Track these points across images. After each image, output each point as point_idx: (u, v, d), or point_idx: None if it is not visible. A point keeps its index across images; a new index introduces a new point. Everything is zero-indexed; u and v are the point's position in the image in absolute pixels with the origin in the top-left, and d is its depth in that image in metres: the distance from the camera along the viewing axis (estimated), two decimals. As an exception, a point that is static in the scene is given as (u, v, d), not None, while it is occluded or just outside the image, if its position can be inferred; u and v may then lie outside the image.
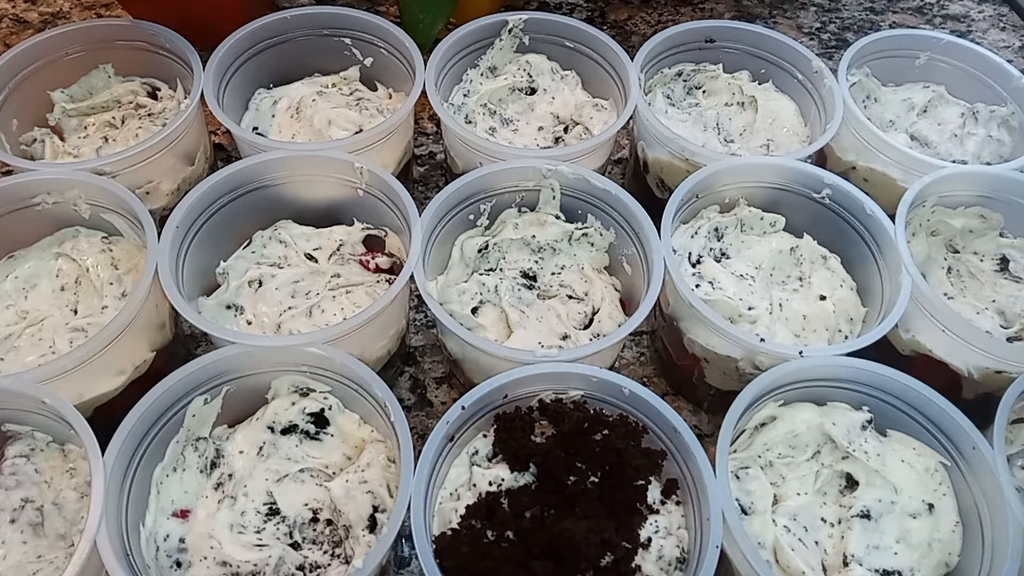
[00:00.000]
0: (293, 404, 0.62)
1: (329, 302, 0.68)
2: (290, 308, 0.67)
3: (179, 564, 0.56)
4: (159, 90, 0.85)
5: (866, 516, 0.58)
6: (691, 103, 0.86)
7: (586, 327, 0.69)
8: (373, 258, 0.72)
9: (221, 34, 0.80)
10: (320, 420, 0.62)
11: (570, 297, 0.70)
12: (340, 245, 0.72)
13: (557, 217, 0.73)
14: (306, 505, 0.58)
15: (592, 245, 0.73)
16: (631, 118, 0.78)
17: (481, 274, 0.71)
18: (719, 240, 0.73)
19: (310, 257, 0.71)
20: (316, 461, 0.60)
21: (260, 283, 0.69)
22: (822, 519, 0.59)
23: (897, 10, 1.13)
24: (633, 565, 0.53)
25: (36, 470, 0.58)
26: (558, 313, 0.68)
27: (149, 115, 0.82)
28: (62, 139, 0.81)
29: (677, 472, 0.58)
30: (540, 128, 0.83)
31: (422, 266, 0.65)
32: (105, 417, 0.60)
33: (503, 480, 0.57)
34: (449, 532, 0.54)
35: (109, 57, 0.84)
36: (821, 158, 0.86)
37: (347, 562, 0.56)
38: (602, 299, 0.70)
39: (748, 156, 0.79)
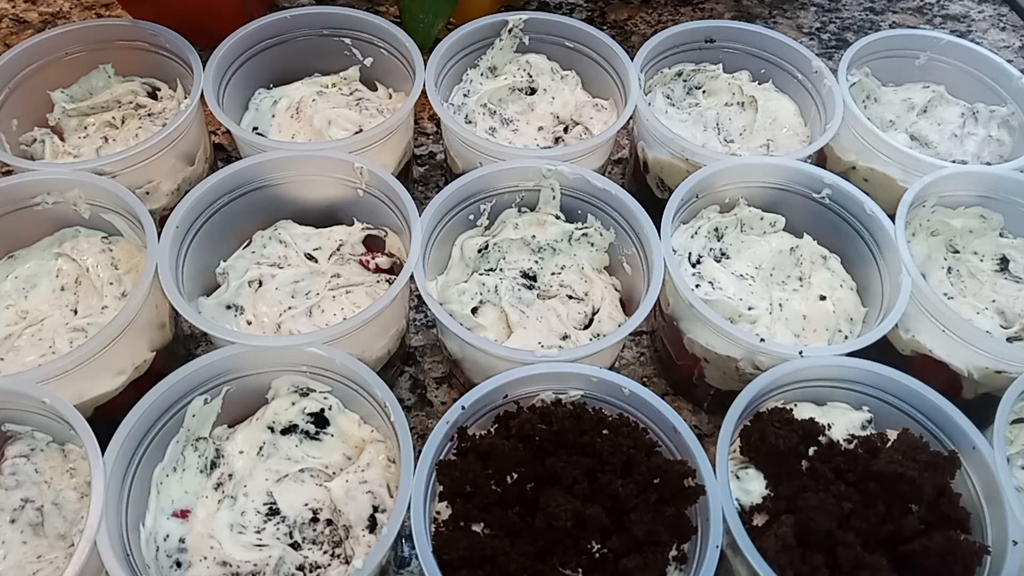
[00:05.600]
0: (293, 404, 0.62)
1: (329, 302, 0.68)
2: (290, 308, 0.67)
3: (179, 564, 0.56)
4: (159, 90, 0.85)
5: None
6: (691, 103, 0.86)
7: (586, 327, 0.69)
8: (373, 258, 0.72)
9: (221, 34, 0.80)
10: (320, 420, 0.62)
11: (570, 297, 0.70)
12: (340, 245, 0.72)
13: (557, 217, 0.73)
14: (306, 505, 0.58)
15: (592, 245, 0.73)
16: (631, 118, 0.78)
17: (481, 274, 0.71)
18: (719, 240, 0.73)
19: (310, 257, 0.71)
20: (316, 461, 0.60)
21: (260, 283, 0.69)
22: None
23: (897, 10, 1.13)
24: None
25: (36, 470, 0.58)
26: (558, 313, 0.68)
27: (149, 115, 0.82)
28: (62, 139, 0.80)
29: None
30: (540, 128, 0.83)
31: (422, 266, 0.65)
32: (105, 417, 0.60)
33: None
34: (448, 531, 0.54)
35: (109, 57, 0.84)
36: (821, 158, 0.86)
37: (347, 562, 0.56)
38: (602, 299, 0.70)
39: (748, 156, 0.79)
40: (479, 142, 0.75)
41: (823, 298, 0.70)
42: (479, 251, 0.72)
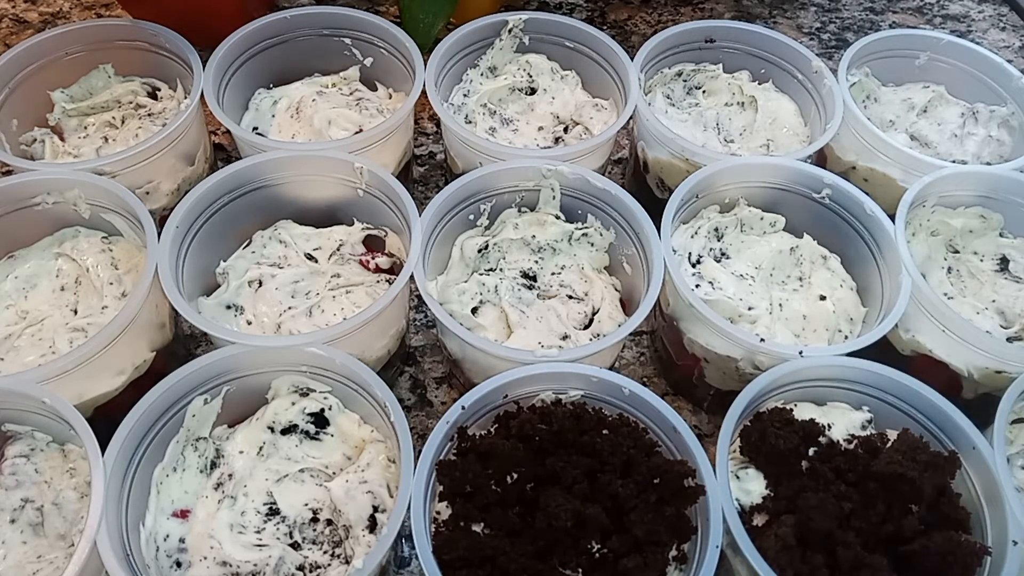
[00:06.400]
0: (293, 404, 0.62)
1: (329, 302, 0.68)
2: (290, 308, 0.67)
3: (179, 564, 0.56)
4: (159, 90, 0.85)
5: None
6: (691, 103, 0.86)
7: (586, 327, 0.69)
8: (373, 258, 0.72)
9: (221, 34, 0.80)
10: (320, 420, 0.62)
11: (570, 297, 0.70)
12: (340, 245, 0.72)
13: (557, 217, 0.73)
14: (306, 505, 0.58)
15: (592, 245, 0.73)
16: (631, 118, 0.78)
17: (481, 274, 0.71)
18: (719, 240, 0.73)
19: (310, 257, 0.71)
20: (316, 461, 0.60)
21: (260, 283, 0.69)
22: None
23: (897, 10, 1.13)
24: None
25: (36, 470, 0.58)
26: (558, 313, 0.68)
27: (149, 115, 0.82)
28: (62, 139, 0.80)
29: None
30: (540, 128, 0.83)
31: (422, 266, 0.65)
32: (105, 417, 0.60)
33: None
34: (448, 531, 0.54)
35: (109, 57, 0.84)
36: (821, 158, 0.86)
37: (347, 562, 0.56)
38: (602, 299, 0.70)
39: (748, 156, 0.79)
40: (479, 142, 0.75)
41: (823, 298, 0.70)
42: (479, 251, 0.72)
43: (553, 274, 0.72)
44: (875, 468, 0.56)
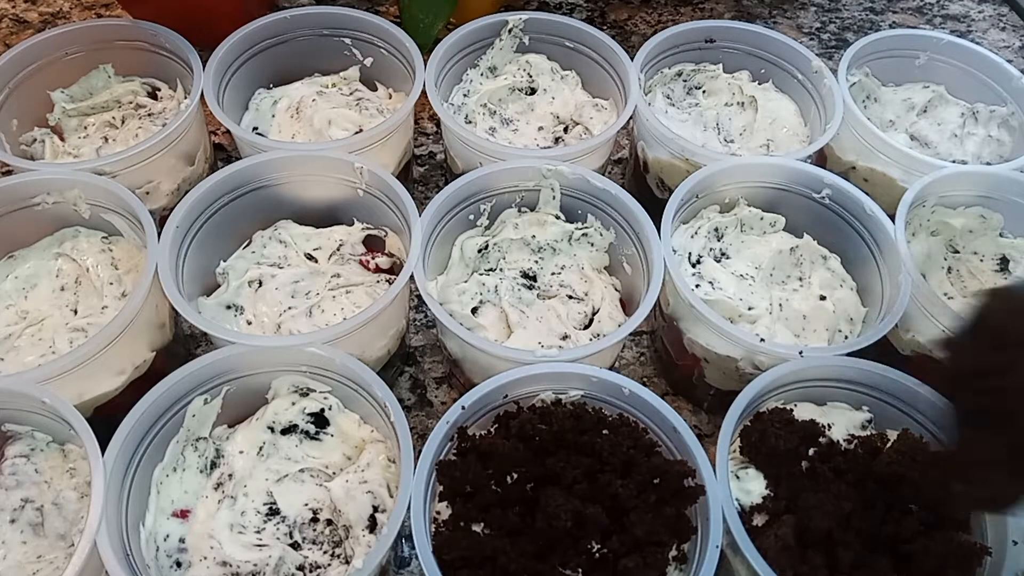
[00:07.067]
0: (293, 404, 0.62)
1: (329, 302, 0.68)
2: (290, 308, 0.67)
3: (179, 564, 0.56)
4: (159, 90, 0.85)
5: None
6: (691, 103, 0.85)
7: (586, 327, 0.69)
8: (373, 258, 0.72)
9: (221, 34, 0.80)
10: (320, 420, 0.62)
11: (570, 297, 0.70)
12: (340, 245, 0.72)
13: (557, 217, 0.73)
14: (306, 505, 0.58)
15: (592, 245, 0.73)
16: (631, 118, 0.78)
17: (481, 274, 0.71)
18: (719, 240, 0.73)
19: (310, 257, 0.71)
20: (316, 461, 0.60)
21: (260, 283, 0.69)
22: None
23: (897, 10, 1.13)
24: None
25: (36, 470, 0.58)
26: (558, 313, 0.68)
27: (149, 115, 0.82)
28: (62, 139, 0.80)
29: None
30: (540, 128, 0.83)
31: (422, 266, 0.65)
32: (105, 417, 0.60)
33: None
34: (448, 531, 0.54)
35: (109, 57, 0.83)
36: (821, 158, 0.86)
37: (347, 562, 0.56)
38: (602, 299, 0.70)
39: (748, 156, 0.79)
40: (479, 142, 0.75)
41: (823, 298, 0.69)
42: (479, 251, 0.72)
43: (553, 274, 0.72)
44: (875, 468, 0.56)
